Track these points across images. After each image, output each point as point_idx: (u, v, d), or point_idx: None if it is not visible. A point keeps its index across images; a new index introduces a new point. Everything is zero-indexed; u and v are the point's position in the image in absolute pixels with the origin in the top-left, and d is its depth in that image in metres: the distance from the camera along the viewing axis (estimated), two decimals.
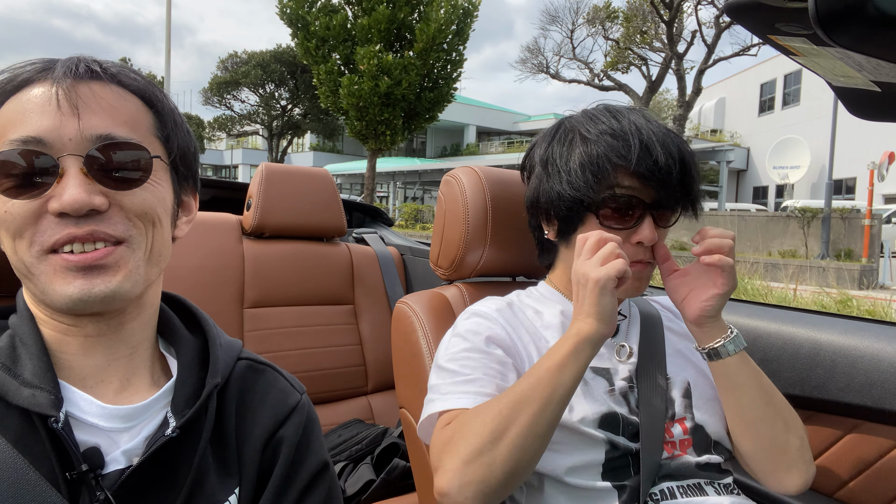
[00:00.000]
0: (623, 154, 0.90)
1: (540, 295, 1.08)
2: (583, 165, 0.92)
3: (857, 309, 4.71)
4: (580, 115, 0.99)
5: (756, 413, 0.92)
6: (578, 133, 0.96)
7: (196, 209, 0.74)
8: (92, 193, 0.57)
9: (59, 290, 0.57)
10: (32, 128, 0.57)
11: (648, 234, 0.92)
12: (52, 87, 0.58)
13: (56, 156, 0.57)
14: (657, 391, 0.95)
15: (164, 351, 0.71)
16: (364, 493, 1.40)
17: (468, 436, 0.80)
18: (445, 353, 0.95)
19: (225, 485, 0.65)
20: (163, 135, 0.65)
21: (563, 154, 0.96)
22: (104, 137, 0.58)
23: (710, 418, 0.97)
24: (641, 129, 0.91)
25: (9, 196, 0.57)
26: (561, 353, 0.82)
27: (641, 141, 0.90)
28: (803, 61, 0.60)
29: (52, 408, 0.56)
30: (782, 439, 0.92)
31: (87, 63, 0.61)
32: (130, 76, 0.64)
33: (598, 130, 0.93)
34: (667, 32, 17.87)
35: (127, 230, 0.60)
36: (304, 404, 0.75)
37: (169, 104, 0.66)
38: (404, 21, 15.97)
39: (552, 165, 0.97)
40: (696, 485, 0.92)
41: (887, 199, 19.31)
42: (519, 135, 36.65)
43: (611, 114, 0.96)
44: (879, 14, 0.38)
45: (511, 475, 0.79)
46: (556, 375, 0.81)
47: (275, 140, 33.77)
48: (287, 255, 1.87)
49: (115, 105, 0.60)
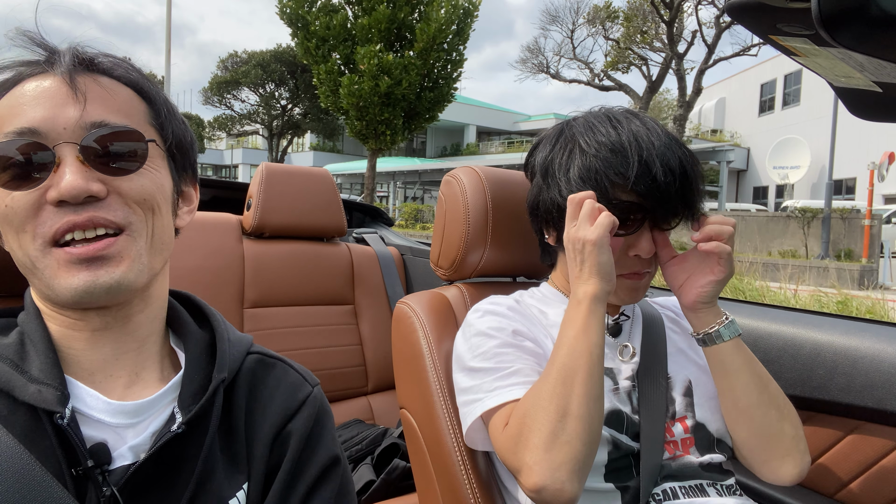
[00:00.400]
0: (621, 172, 0.89)
1: (543, 296, 1.08)
2: (582, 178, 0.92)
3: (856, 310, 4.71)
4: (581, 123, 0.98)
5: (750, 399, 0.92)
6: (578, 144, 0.95)
7: (197, 199, 0.74)
8: (89, 180, 0.57)
9: (64, 283, 0.57)
10: (26, 119, 0.57)
11: (647, 247, 0.92)
12: (44, 80, 0.59)
13: (51, 145, 0.57)
14: (658, 390, 0.95)
15: (175, 345, 0.71)
16: (364, 494, 1.40)
17: (534, 426, 0.80)
18: (472, 353, 0.95)
19: (233, 480, 0.64)
20: (157, 122, 0.65)
21: (563, 164, 0.96)
22: (99, 125, 0.59)
23: (712, 416, 0.97)
24: (641, 142, 0.90)
25: (9, 189, 0.57)
26: (580, 318, 0.85)
27: (640, 157, 0.88)
28: (804, 61, 0.60)
29: (58, 404, 0.56)
30: (776, 427, 0.92)
31: (77, 54, 0.61)
32: (123, 67, 0.64)
33: (597, 143, 0.92)
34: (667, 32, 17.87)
35: (126, 216, 0.60)
36: (316, 397, 0.74)
37: (161, 94, 0.67)
38: (404, 21, 15.96)
39: (551, 176, 0.97)
40: (698, 486, 0.92)
41: (887, 200, 19.31)
42: (519, 135, 36.64)
43: (611, 123, 0.94)
44: (882, 14, 0.38)
45: (591, 442, 0.80)
46: (584, 338, 0.83)
47: (275, 140, 33.76)
48: (287, 255, 1.87)
49: (107, 94, 0.61)
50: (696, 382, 1.00)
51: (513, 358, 0.91)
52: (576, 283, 0.87)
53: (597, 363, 0.83)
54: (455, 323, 1.12)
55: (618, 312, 1.05)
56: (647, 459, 0.90)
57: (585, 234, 0.85)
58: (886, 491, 1.07)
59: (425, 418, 1.06)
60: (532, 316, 1.01)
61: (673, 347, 1.03)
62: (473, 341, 0.96)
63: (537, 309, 1.04)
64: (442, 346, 1.07)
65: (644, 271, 0.96)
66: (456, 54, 16.76)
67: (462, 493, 0.98)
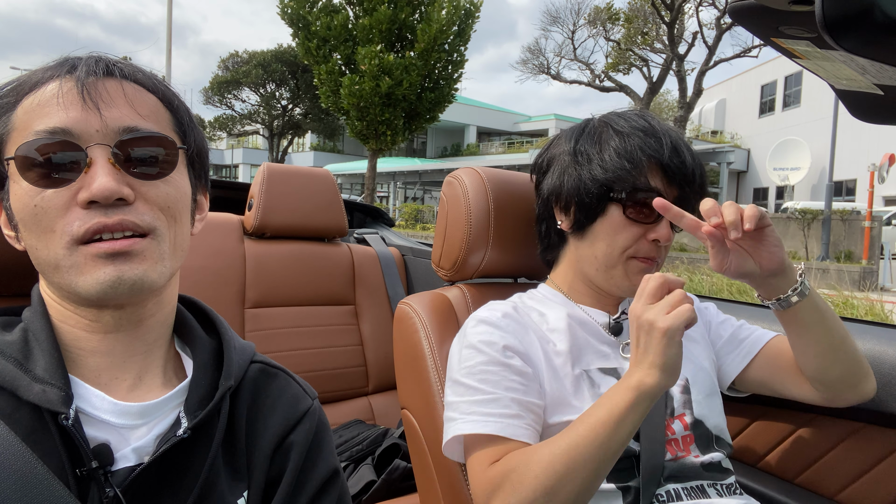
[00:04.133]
0: (656, 148, 0.94)
1: (542, 297, 1.07)
2: (618, 153, 0.95)
3: (855, 311, 4.71)
4: (607, 116, 1.03)
5: (842, 332, 0.94)
6: (611, 127, 0.99)
7: (207, 209, 0.74)
8: (120, 183, 0.58)
9: (91, 278, 0.57)
10: (58, 119, 0.58)
11: (666, 232, 0.95)
12: (73, 82, 0.59)
13: (84, 146, 0.58)
14: None
15: (180, 350, 0.71)
16: (365, 494, 1.40)
17: (519, 489, 0.78)
18: (460, 365, 0.94)
19: (234, 488, 0.65)
20: (180, 130, 0.66)
21: (595, 144, 0.99)
22: (130, 129, 0.59)
23: (710, 413, 0.98)
24: (670, 132, 0.97)
25: (39, 187, 0.57)
26: (619, 407, 0.77)
27: (672, 140, 0.96)
28: (806, 64, 0.60)
29: (63, 404, 0.56)
30: (858, 351, 0.97)
31: (105, 61, 0.62)
32: (148, 76, 0.65)
33: (631, 126, 0.97)
34: (668, 34, 17.87)
35: (153, 221, 0.60)
36: (316, 410, 0.74)
37: (183, 103, 0.68)
38: (406, 21, 15.97)
39: (582, 155, 0.99)
40: (699, 487, 0.92)
41: (887, 201, 19.30)
42: (519, 135, 36.61)
43: (639, 115, 1.01)
44: (886, 19, 0.38)
45: None
46: (612, 431, 0.77)
47: (275, 140, 33.76)
48: (288, 256, 1.87)
49: (136, 100, 0.62)
50: (692, 380, 1.00)
51: (496, 380, 0.89)
52: (635, 367, 0.79)
53: (611, 458, 0.78)
54: (456, 324, 1.12)
55: (619, 311, 1.05)
56: (648, 459, 0.90)
57: (656, 319, 0.77)
58: (886, 492, 1.07)
59: (426, 418, 1.06)
60: (529, 322, 1.00)
61: None
62: (464, 353, 0.95)
63: (536, 312, 1.03)
64: (443, 347, 1.07)
65: (658, 258, 0.98)
66: (457, 55, 16.77)
67: (463, 494, 0.98)
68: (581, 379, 0.94)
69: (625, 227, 0.95)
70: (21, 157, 0.57)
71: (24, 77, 0.61)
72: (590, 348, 0.98)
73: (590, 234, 0.99)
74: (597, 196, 0.96)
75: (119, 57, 0.66)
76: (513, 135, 37.12)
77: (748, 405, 1.25)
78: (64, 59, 0.62)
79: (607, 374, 0.96)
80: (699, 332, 1.09)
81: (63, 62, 0.62)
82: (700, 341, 1.08)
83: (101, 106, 0.59)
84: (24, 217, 0.59)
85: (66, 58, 0.62)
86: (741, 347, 1.07)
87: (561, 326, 0.99)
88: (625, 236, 0.95)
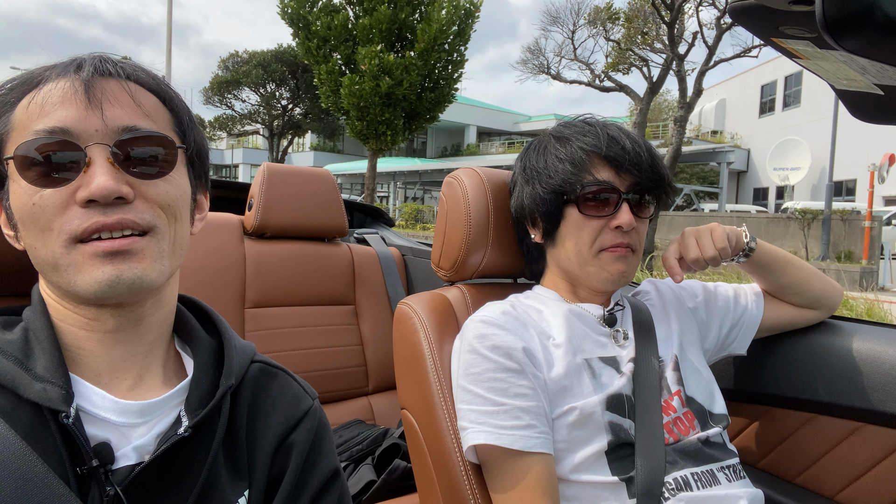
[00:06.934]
0: (594, 143, 0.99)
1: (538, 296, 1.10)
2: (560, 159, 1.02)
3: (854, 311, 4.71)
4: (554, 127, 1.10)
5: (797, 262, 1.15)
6: (551, 137, 1.07)
7: (207, 208, 0.75)
8: (119, 182, 0.58)
9: (89, 277, 0.57)
10: (58, 118, 0.58)
11: (626, 218, 0.98)
12: (72, 82, 0.59)
13: (83, 145, 0.58)
14: (651, 373, 0.99)
15: (180, 349, 0.71)
16: (365, 494, 1.40)
17: None
18: (466, 371, 0.95)
19: (235, 487, 0.65)
20: (180, 130, 0.66)
21: (540, 158, 1.06)
22: (129, 129, 0.60)
23: (697, 388, 1.03)
24: (608, 126, 1.03)
25: (37, 186, 0.57)
26: None
27: (608, 133, 1.01)
28: (806, 64, 0.60)
29: (63, 403, 0.56)
30: (815, 270, 1.18)
31: (105, 61, 0.62)
32: (149, 75, 0.65)
33: (571, 131, 1.04)
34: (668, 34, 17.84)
35: (153, 219, 0.60)
36: (316, 410, 0.75)
37: (183, 102, 0.68)
38: (406, 21, 15.95)
39: (530, 170, 1.07)
40: (709, 472, 0.94)
41: (887, 201, 19.30)
42: (520, 135, 36.60)
43: (582, 121, 1.07)
44: (887, 20, 0.38)
45: None
46: None
47: (275, 140, 33.73)
48: (288, 256, 1.87)
49: (136, 100, 0.62)
50: (681, 358, 1.05)
51: (504, 387, 0.91)
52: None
53: None
54: (456, 324, 1.12)
55: (612, 303, 1.08)
56: (646, 441, 0.92)
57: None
58: (886, 492, 1.07)
59: (426, 419, 1.06)
60: (528, 318, 1.02)
61: (662, 333, 1.08)
62: (465, 358, 0.96)
63: (534, 309, 1.06)
64: (443, 347, 1.07)
65: (627, 243, 1.00)
66: (457, 55, 16.75)
67: (462, 494, 0.98)
68: (582, 368, 0.97)
69: (585, 223, 1.00)
70: (20, 157, 0.57)
71: (23, 76, 0.61)
72: (588, 339, 1.01)
73: (559, 239, 1.05)
74: (552, 203, 1.02)
75: (119, 56, 0.66)
76: (513, 135, 37.12)
77: (748, 405, 1.25)
78: (68, 59, 0.62)
79: (607, 364, 0.99)
80: (682, 308, 1.14)
81: (62, 62, 0.62)
82: (684, 317, 1.12)
83: (99, 106, 0.59)
84: (22, 216, 0.59)
85: (72, 58, 0.62)
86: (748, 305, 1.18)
87: (559, 320, 1.02)
88: (588, 231, 1.01)
